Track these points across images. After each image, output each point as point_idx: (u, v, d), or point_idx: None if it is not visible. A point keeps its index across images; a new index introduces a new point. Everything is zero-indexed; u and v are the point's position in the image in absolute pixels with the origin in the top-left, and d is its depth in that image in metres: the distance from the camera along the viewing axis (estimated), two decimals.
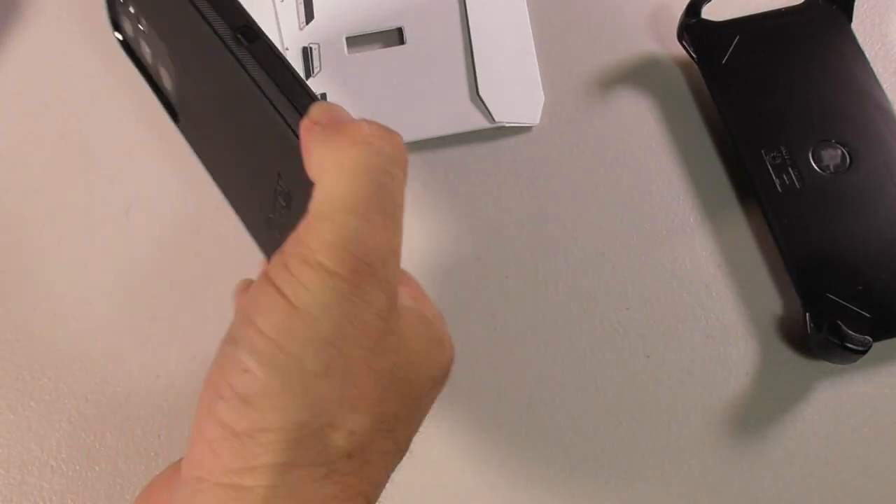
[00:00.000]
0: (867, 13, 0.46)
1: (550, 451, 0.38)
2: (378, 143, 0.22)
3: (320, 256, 0.20)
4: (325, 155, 0.21)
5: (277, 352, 0.20)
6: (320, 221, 0.21)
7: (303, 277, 0.20)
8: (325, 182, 0.21)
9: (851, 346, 0.36)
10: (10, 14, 0.48)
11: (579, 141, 0.44)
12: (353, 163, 0.21)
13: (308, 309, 0.20)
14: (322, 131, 0.22)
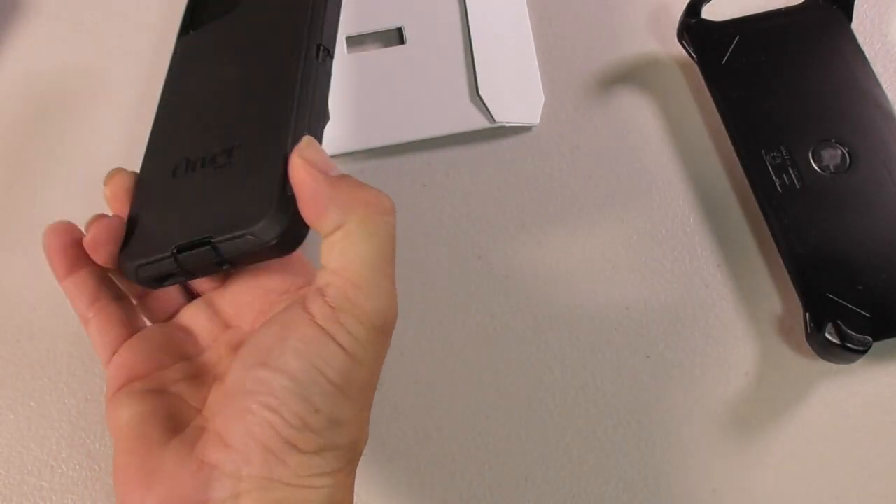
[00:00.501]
0: (867, 13, 0.46)
1: (550, 452, 0.38)
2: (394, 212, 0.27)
3: (371, 317, 0.26)
4: (351, 217, 0.26)
5: (341, 396, 0.26)
6: (367, 286, 0.26)
7: (357, 334, 0.26)
8: (359, 247, 0.26)
9: (851, 346, 0.36)
10: (10, 14, 0.48)
11: (579, 141, 0.44)
12: (385, 234, 0.27)
13: (362, 359, 0.26)
14: (341, 188, 0.26)
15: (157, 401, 0.28)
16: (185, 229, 0.28)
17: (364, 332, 0.26)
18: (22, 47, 0.47)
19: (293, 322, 0.26)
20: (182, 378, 0.30)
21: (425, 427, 0.38)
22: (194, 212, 0.29)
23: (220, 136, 0.30)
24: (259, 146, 0.28)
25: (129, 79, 0.46)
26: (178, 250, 0.28)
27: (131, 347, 0.30)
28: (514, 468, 0.37)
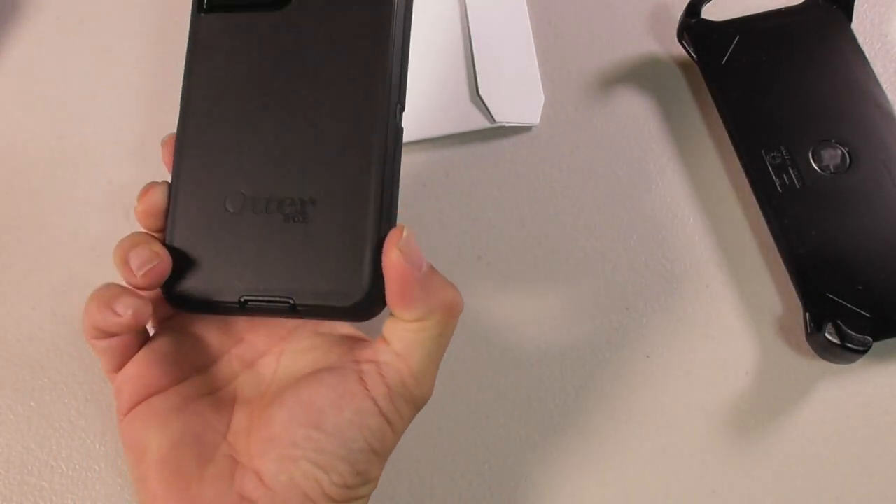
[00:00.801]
0: (867, 13, 0.46)
1: (550, 452, 0.38)
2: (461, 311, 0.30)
3: (419, 402, 0.30)
4: (432, 317, 0.29)
5: (378, 460, 0.29)
6: (423, 376, 0.29)
7: (404, 414, 0.29)
8: (428, 343, 0.29)
9: (851, 346, 0.36)
10: (10, 13, 0.48)
11: (579, 141, 0.44)
12: (450, 333, 0.30)
13: (400, 431, 0.30)
14: (429, 289, 0.29)
15: (183, 424, 0.29)
16: (258, 280, 0.28)
17: (409, 413, 0.29)
18: (22, 47, 0.47)
19: (350, 392, 0.28)
20: (199, 394, 0.30)
21: (425, 427, 0.38)
22: (267, 263, 0.28)
23: (288, 179, 0.28)
24: (341, 209, 0.28)
25: (129, 78, 0.46)
26: (247, 300, 0.28)
27: (143, 360, 0.30)
28: (514, 468, 0.37)
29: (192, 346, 0.31)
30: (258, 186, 0.29)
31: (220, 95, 0.30)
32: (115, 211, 0.43)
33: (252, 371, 0.32)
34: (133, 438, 0.29)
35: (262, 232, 0.28)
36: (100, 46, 0.47)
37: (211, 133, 0.30)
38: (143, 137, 0.45)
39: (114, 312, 0.28)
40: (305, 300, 0.27)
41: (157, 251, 0.28)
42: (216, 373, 0.31)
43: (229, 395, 0.31)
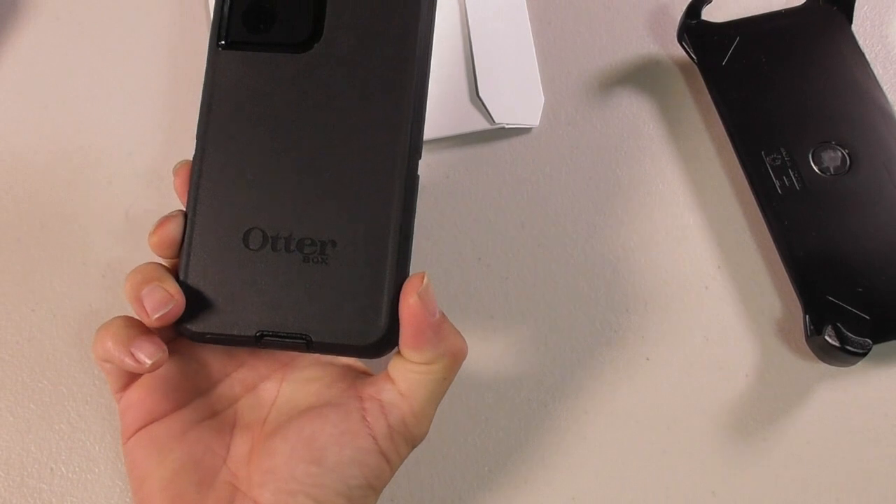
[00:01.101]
0: (867, 14, 0.46)
1: (549, 454, 0.38)
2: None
3: (417, 441, 0.30)
4: (440, 361, 0.30)
5: (374, 494, 0.30)
6: (423, 416, 0.30)
7: (402, 452, 0.30)
8: (432, 385, 0.30)
9: (851, 349, 0.36)
10: (10, 14, 0.48)
11: (579, 142, 0.44)
12: (453, 378, 0.31)
13: (397, 468, 0.30)
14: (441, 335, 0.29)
15: (183, 451, 0.30)
16: (275, 317, 0.29)
17: (406, 451, 0.30)
18: (21, 48, 0.47)
19: (353, 431, 0.29)
20: (200, 419, 0.31)
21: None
22: (285, 300, 0.29)
23: (309, 220, 0.29)
24: (361, 252, 0.29)
25: (128, 79, 0.46)
26: (264, 334, 0.29)
27: (144, 386, 0.31)
28: (514, 471, 0.37)
29: (194, 369, 0.32)
30: (278, 225, 0.29)
31: (241, 132, 0.30)
32: (116, 211, 0.43)
33: (253, 395, 0.32)
34: (135, 464, 0.30)
35: (281, 269, 0.29)
36: (100, 47, 0.47)
37: (231, 169, 0.30)
38: (144, 138, 0.45)
39: (133, 357, 0.28)
40: (322, 338, 0.29)
41: (171, 293, 0.29)
42: (217, 395, 0.32)
43: (230, 418, 0.32)
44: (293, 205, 0.29)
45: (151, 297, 0.28)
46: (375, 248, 0.29)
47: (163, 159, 0.44)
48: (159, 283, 0.29)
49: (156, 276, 0.29)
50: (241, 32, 0.31)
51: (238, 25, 0.31)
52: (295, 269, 0.29)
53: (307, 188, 0.29)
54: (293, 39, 0.30)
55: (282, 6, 0.31)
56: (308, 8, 0.30)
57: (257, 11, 0.31)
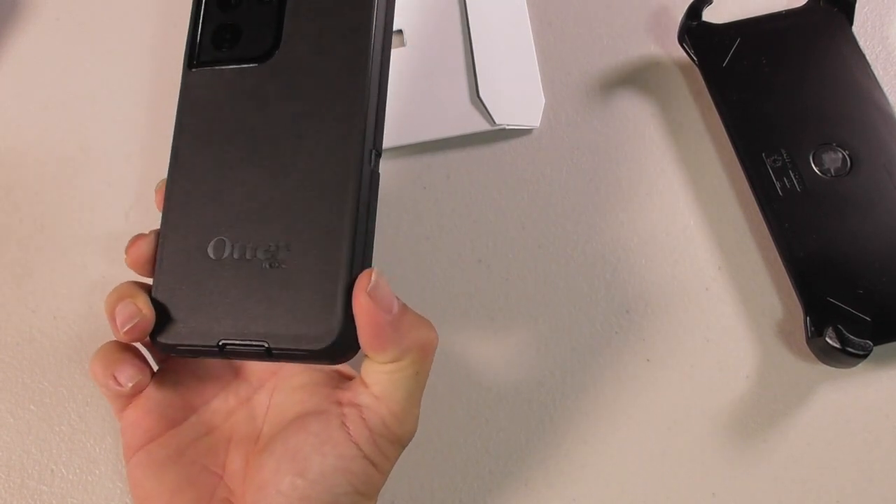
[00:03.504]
0: (868, 15, 0.46)
1: (550, 455, 0.38)
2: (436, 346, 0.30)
3: (402, 440, 0.30)
4: (406, 357, 0.29)
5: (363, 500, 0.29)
6: (404, 415, 0.29)
7: (388, 453, 0.29)
8: (405, 382, 0.29)
9: (852, 351, 0.36)
10: (9, 15, 0.48)
11: (580, 143, 0.44)
12: (427, 370, 0.30)
13: (386, 471, 0.30)
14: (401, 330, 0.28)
15: (180, 471, 0.30)
16: (235, 325, 0.29)
17: (394, 452, 0.30)
18: (21, 49, 0.47)
19: (333, 439, 0.29)
20: (196, 436, 0.31)
21: (425, 431, 0.38)
22: (244, 307, 0.29)
23: (267, 226, 0.29)
24: (315, 255, 0.28)
25: (128, 80, 0.46)
26: (225, 344, 0.29)
27: (140, 407, 0.31)
28: (515, 472, 0.37)
29: (188, 386, 0.32)
30: (239, 233, 0.29)
31: (205, 146, 0.31)
32: (115, 211, 0.43)
33: (247, 407, 0.33)
34: (136, 485, 0.30)
35: (242, 277, 0.29)
36: (100, 48, 0.47)
37: (197, 183, 0.30)
38: (141, 139, 0.44)
39: (116, 381, 0.29)
40: (279, 343, 0.28)
41: (140, 307, 0.29)
42: (212, 411, 0.32)
43: (226, 433, 0.32)
44: (254, 212, 0.29)
45: (122, 313, 0.29)
46: (329, 251, 0.28)
47: (163, 161, 0.44)
48: (131, 300, 0.29)
49: (129, 293, 0.30)
50: (209, 51, 0.31)
51: (207, 45, 0.31)
52: (255, 276, 0.29)
53: (267, 195, 0.29)
54: (255, 52, 0.31)
55: (245, 21, 0.31)
56: (269, 20, 0.31)
57: (223, 30, 0.31)
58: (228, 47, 0.31)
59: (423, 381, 0.30)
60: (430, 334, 0.30)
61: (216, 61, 0.31)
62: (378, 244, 0.42)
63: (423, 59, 0.45)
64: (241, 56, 0.31)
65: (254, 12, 0.31)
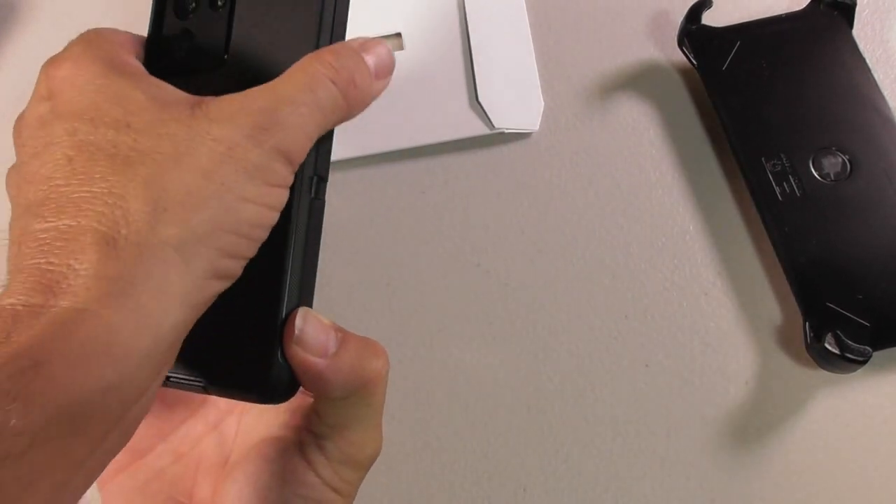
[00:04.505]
0: (868, 19, 0.46)
1: (548, 461, 0.38)
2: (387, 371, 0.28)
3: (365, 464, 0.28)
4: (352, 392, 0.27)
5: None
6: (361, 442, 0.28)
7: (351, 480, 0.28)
8: (357, 412, 0.27)
9: (851, 357, 0.36)
10: (8, 17, 0.48)
11: (579, 147, 0.44)
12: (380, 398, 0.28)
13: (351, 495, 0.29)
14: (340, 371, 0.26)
15: (148, 502, 0.29)
16: (179, 359, 0.27)
17: (356, 476, 0.28)
18: (20, 51, 0.47)
19: (292, 467, 0.27)
20: (164, 465, 0.30)
21: (424, 436, 0.38)
22: (189, 343, 0.27)
23: None
24: (254, 294, 0.27)
25: None
26: (169, 376, 0.28)
27: None
28: (513, 477, 0.37)
29: (156, 414, 0.31)
30: None
31: None
32: None
33: (216, 432, 0.32)
34: None
35: None
36: None
37: None
38: None
39: None
40: (215, 384, 0.27)
41: None
42: (181, 437, 0.31)
43: (193, 461, 0.31)
44: None
45: None
46: (267, 289, 0.27)
47: None
48: None
49: None
50: (167, 65, 0.30)
51: (165, 59, 0.30)
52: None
53: None
54: (206, 62, 0.29)
55: (197, 31, 0.30)
56: (219, 28, 0.30)
57: (178, 39, 0.30)
58: (185, 58, 0.30)
59: (377, 407, 0.28)
60: (376, 365, 0.28)
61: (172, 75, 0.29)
62: (376, 248, 0.42)
63: (421, 63, 0.45)
64: (196, 66, 0.30)
65: (207, 18, 0.30)
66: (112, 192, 0.21)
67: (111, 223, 0.20)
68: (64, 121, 0.23)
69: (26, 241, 0.21)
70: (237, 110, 0.23)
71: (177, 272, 0.21)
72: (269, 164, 0.23)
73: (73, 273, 0.20)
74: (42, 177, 0.22)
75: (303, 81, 0.24)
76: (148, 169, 0.21)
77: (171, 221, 0.21)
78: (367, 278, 0.41)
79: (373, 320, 0.41)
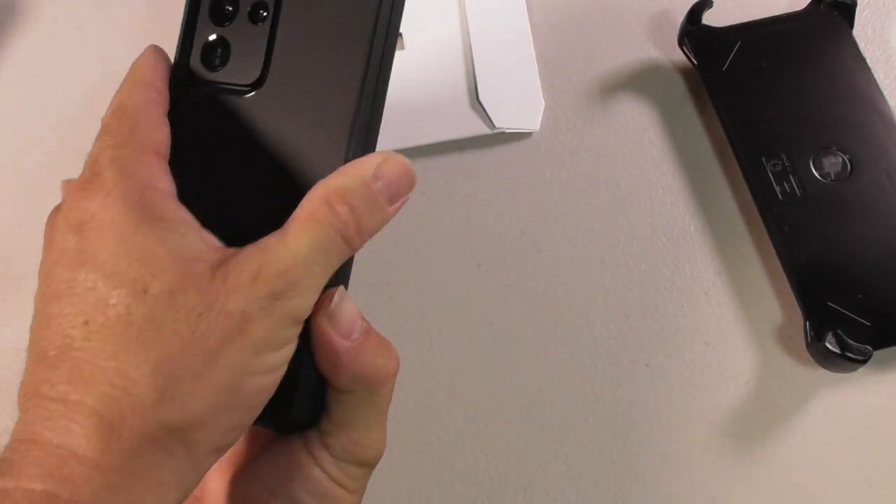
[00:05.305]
0: (869, 19, 0.46)
1: (549, 461, 0.38)
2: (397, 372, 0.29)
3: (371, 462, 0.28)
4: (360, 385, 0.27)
5: None
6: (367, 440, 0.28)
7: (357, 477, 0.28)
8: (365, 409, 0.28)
9: (851, 356, 0.36)
10: (9, 19, 0.48)
11: (579, 147, 0.44)
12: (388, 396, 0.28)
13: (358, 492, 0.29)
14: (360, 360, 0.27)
15: None
16: None
17: (362, 475, 0.29)
18: (20, 52, 0.47)
19: (299, 463, 0.27)
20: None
21: (424, 436, 0.38)
22: None
23: None
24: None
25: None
26: None
27: None
28: (514, 477, 0.37)
29: None
30: None
31: (190, 174, 0.29)
32: None
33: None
34: None
35: None
36: (99, 51, 0.47)
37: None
38: None
39: None
40: None
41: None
42: None
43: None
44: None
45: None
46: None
47: None
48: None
49: None
50: (198, 68, 0.29)
51: (196, 62, 0.29)
52: None
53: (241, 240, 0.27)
54: (244, 79, 0.29)
55: (236, 43, 0.29)
56: (259, 46, 0.29)
57: (214, 48, 0.29)
58: (219, 67, 0.29)
59: (383, 407, 0.29)
60: (388, 365, 0.28)
61: (205, 83, 0.29)
62: (375, 249, 0.42)
63: (422, 62, 0.45)
64: (231, 81, 0.29)
65: (246, 31, 0.29)
66: (120, 372, 0.21)
67: (116, 409, 0.21)
68: (86, 269, 0.23)
69: (37, 403, 0.22)
70: (254, 277, 0.23)
71: (177, 459, 0.22)
72: (279, 334, 0.24)
73: (75, 460, 0.21)
74: (59, 329, 0.23)
75: (315, 238, 0.25)
76: (159, 352, 0.22)
77: (176, 408, 0.22)
78: (367, 278, 0.41)
79: (373, 320, 0.41)
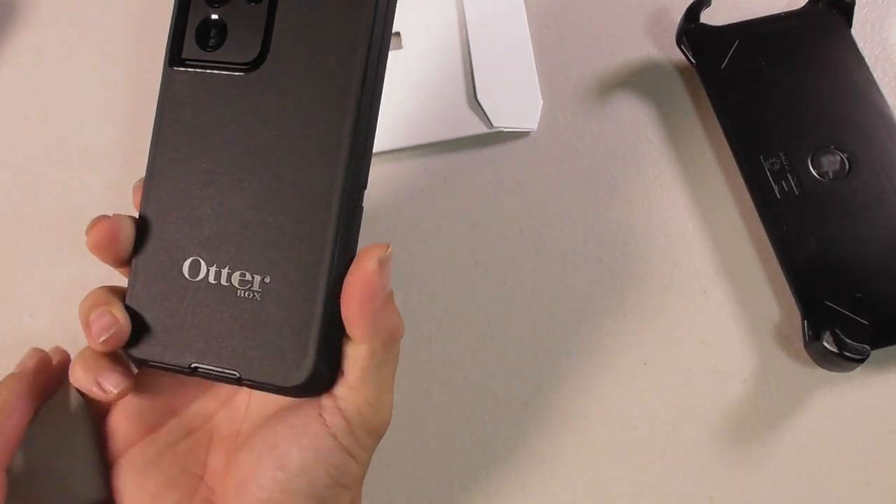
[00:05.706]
0: (867, 17, 0.46)
1: (547, 459, 0.38)
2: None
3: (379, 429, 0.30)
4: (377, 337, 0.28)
5: (343, 491, 0.29)
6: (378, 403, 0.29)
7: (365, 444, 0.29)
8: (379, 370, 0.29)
9: (849, 355, 0.36)
10: (7, 18, 0.48)
11: (578, 146, 0.44)
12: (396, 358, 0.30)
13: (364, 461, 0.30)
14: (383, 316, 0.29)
15: (159, 476, 0.30)
16: (208, 350, 0.28)
17: (371, 443, 0.30)
18: (19, 51, 0.47)
19: (312, 431, 0.28)
20: (176, 440, 0.31)
21: (422, 434, 0.38)
22: (218, 334, 0.28)
23: (245, 253, 0.28)
24: (292, 291, 0.28)
25: (126, 83, 0.46)
26: (197, 367, 0.28)
27: (120, 412, 0.31)
28: (512, 476, 0.37)
29: (167, 390, 0.32)
30: (216, 256, 0.29)
31: (185, 155, 0.29)
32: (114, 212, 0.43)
33: (228, 407, 0.32)
34: (117, 492, 0.30)
35: (216, 302, 0.28)
36: (98, 50, 0.47)
37: (176, 193, 0.29)
38: (141, 142, 0.44)
39: (99, 387, 0.29)
40: (251, 376, 0.28)
41: (116, 316, 0.29)
42: (193, 413, 0.32)
43: (206, 435, 0.32)
44: (232, 236, 0.28)
45: (97, 322, 0.29)
46: (306, 289, 0.28)
47: None
48: (106, 307, 0.29)
49: (104, 300, 0.29)
50: (192, 50, 0.29)
51: (190, 43, 0.29)
52: (230, 302, 0.28)
53: (246, 219, 0.28)
54: (241, 59, 0.29)
55: (233, 23, 0.29)
56: (257, 26, 0.29)
57: (209, 28, 0.29)
58: (213, 48, 0.29)
59: (392, 370, 0.30)
60: (400, 324, 0.30)
61: (199, 62, 0.29)
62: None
63: (420, 62, 0.45)
64: (227, 61, 0.29)
65: (242, 11, 0.29)
66: None
67: None
68: None
69: None
70: None
71: None
72: None
73: None
74: None
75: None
76: None
77: None
78: None
79: None
